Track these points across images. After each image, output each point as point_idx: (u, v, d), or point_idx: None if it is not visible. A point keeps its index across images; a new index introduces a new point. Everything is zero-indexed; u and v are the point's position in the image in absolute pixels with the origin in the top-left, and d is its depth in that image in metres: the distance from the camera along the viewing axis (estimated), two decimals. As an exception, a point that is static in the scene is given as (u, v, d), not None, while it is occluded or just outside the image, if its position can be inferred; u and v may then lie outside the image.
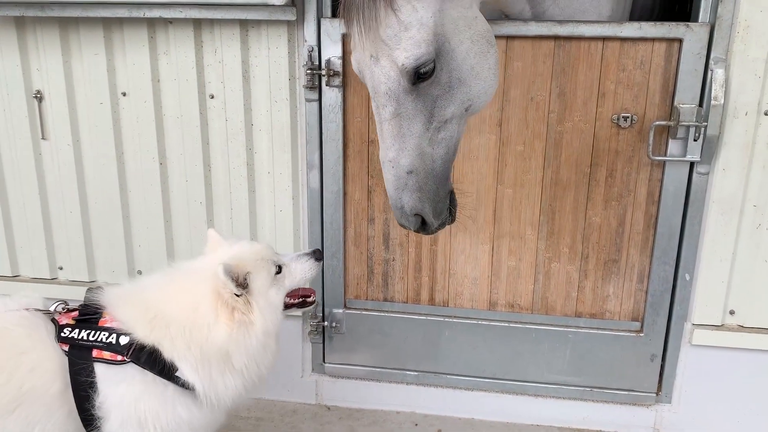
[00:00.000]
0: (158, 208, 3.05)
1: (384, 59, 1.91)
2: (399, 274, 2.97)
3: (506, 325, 2.93)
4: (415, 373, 3.08)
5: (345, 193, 2.88)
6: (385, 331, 3.04)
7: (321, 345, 3.12)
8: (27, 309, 1.99)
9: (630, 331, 2.86)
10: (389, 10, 1.85)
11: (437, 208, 2.07)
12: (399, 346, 3.05)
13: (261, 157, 2.92)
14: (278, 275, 2.11)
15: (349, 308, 3.05)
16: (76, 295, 3.00)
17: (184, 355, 1.93)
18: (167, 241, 3.10)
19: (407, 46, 1.87)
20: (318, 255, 2.24)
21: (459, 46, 1.95)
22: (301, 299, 2.23)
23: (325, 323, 3.06)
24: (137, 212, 3.09)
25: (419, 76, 1.90)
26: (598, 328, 2.88)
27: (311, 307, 2.28)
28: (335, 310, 3.04)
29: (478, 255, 2.88)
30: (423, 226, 2.12)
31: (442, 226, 2.15)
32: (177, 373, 1.93)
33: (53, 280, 3.28)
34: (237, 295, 1.96)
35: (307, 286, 2.23)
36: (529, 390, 3.00)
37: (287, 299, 2.16)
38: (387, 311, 3.02)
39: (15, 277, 3.31)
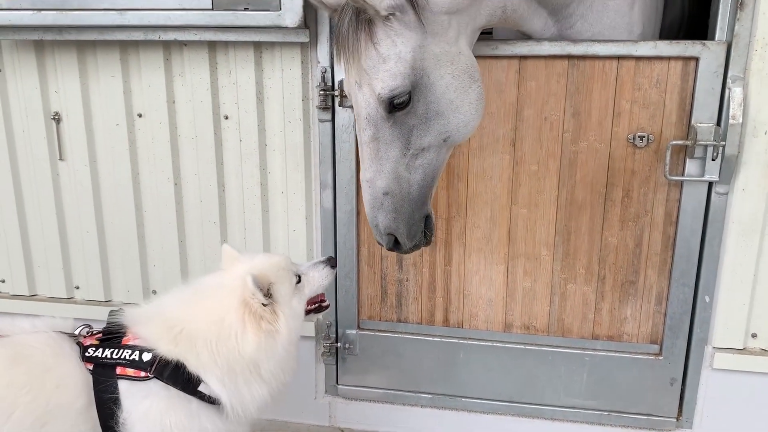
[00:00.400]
0: (173, 228, 3.07)
1: (365, 86, 2.05)
2: (413, 294, 2.95)
3: (522, 347, 2.89)
4: (430, 396, 3.04)
5: (358, 213, 2.87)
6: (399, 353, 3.00)
7: (334, 366, 3.09)
8: (54, 331, 2.04)
9: (649, 354, 2.80)
10: (370, 42, 1.99)
11: (411, 231, 2.18)
12: (413, 368, 3.01)
13: (274, 177, 2.93)
14: (298, 284, 2.16)
15: (363, 329, 3.03)
16: (93, 315, 3.05)
17: (211, 369, 1.96)
18: (181, 261, 3.11)
19: (384, 77, 2.00)
20: (332, 262, 2.29)
21: (439, 80, 2.06)
22: (317, 305, 2.29)
23: (339, 344, 3.04)
24: (152, 232, 3.11)
25: (394, 106, 2.02)
26: (615, 351, 2.82)
27: (326, 310, 2.33)
28: (348, 331, 3.02)
29: (493, 276, 2.85)
30: (396, 246, 2.22)
31: (416, 247, 2.26)
32: (201, 387, 1.96)
33: (70, 299, 3.30)
34: (264, 305, 1.99)
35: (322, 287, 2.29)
36: (545, 413, 2.94)
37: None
38: (401, 332, 3.00)
39: (32, 297, 3.34)
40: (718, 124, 2.47)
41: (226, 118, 2.89)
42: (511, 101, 2.62)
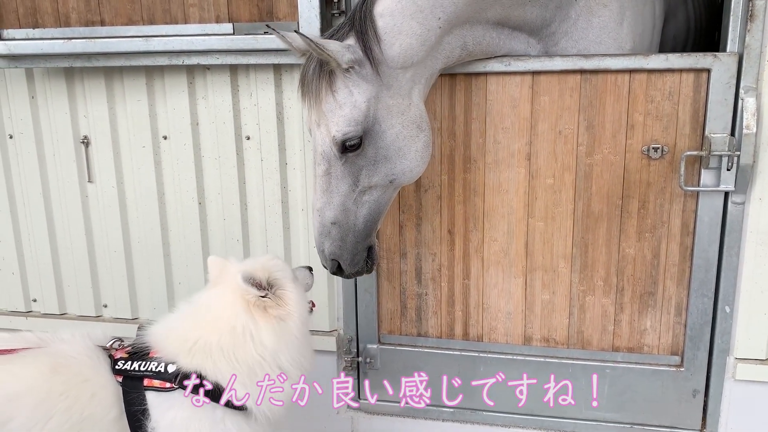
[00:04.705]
0: (197, 246, 3.15)
1: (323, 127, 2.26)
2: (432, 308, 2.98)
3: (542, 360, 2.90)
4: (451, 410, 3.05)
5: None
6: (419, 367, 3.02)
7: (356, 381, 3.12)
8: (92, 343, 2.15)
9: (670, 365, 2.79)
10: (329, 90, 2.21)
11: (354, 260, 2.38)
12: (434, 382, 3.03)
13: (295, 195, 3.00)
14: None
15: (383, 344, 3.06)
16: (120, 332, 3.10)
17: (231, 373, 2.03)
18: (206, 279, 3.17)
19: (339, 121, 2.21)
20: (309, 269, 2.42)
21: (389, 129, 2.28)
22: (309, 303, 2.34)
23: (360, 359, 3.07)
24: (177, 251, 3.19)
25: (346, 147, 2.23)
26: (636, 363, 2.81)
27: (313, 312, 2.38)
28: (369, 346, 3.05)
29: (511, 289, 2.87)
30: (339, 270, 2.42)
31: (358, 273, 2.45)
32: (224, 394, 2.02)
33: (98, 317, 3.39)
34: (262, 297, 2.07)
35: (308, 294, 2.35)
36: (566, 426, 2.94)
37: None
38: (421, 346, 3.02)
39: (62, 315, 3.43)
40: (732, 134, 2.49)
41: (248, 138, 2.98)
42: (525, 116, 2.66)
